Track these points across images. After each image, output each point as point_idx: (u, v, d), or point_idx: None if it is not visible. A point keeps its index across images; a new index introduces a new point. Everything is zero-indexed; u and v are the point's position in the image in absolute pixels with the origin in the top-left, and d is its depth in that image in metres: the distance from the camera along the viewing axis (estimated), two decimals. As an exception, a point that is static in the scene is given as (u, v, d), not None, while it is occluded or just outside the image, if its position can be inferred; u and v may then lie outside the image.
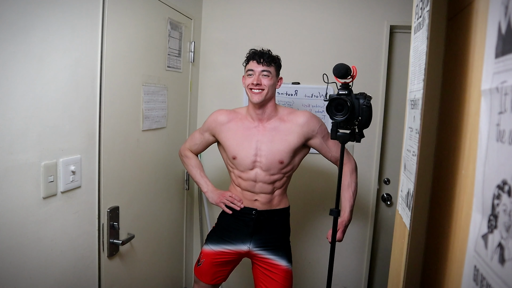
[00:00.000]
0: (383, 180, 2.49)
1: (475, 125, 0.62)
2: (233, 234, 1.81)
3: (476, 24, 0.67)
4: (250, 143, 1.72)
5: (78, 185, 1.37)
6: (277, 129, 1.73)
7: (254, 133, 1.73)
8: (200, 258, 1.86)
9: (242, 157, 1.73)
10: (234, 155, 1.75)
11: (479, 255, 0.52)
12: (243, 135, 1.74)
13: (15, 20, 1.06)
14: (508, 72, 0.46)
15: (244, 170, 1.75)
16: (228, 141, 1.77)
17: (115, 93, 1.56)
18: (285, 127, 1.73)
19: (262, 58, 1.68)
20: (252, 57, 1.71)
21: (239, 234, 1.80)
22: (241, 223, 1.80)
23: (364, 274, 2.45)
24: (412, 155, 0.86)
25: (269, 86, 1.68)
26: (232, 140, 1.76)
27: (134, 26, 1.69)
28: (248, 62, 1.72)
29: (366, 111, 1.45)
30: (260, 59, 1.68)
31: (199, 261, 1.86)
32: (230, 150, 1.76)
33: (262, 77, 1.67)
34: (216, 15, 2.45)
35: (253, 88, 1.67)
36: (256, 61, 1.69)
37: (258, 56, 1.69)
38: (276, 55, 1.74)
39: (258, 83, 1.66)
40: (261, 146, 1.72)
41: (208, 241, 1.88)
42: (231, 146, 1.75)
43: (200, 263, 1.85)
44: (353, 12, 2.29)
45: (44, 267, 1.23)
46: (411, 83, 0.96)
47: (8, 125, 1.07)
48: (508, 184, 0.44)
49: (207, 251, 1.85)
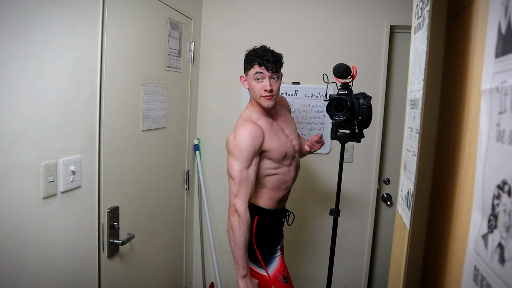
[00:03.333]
0: (383, 180, 2.49)
1: (475, 125, 0.62)
2: (277, 237, 1.80)
3: (476, 24, 0.67)
4: (284, 136, 1.72)
5: (78, 185, 1.37)
6: (284, 114, 1.81)
7: (277, 126, 1.74)
8: (283, 274, 1.71)
9: (289, 150, 1.71)
10: (284, 152, 1.67)
11: (479, 255, 0.52)
12: (275, 132, 1.69)
13: (15, 20, 1.06)
14: (508, 72, 0.46)
15: (291, 164, 1.73)
16: (272, 144, 1.65)
17: (115, 93, 1.56)
18: (284, 111, 1.82)
19: (271, 63, 1.58)
20: (260, 62, 1.58)
21: (279, 235, 1.82)
22: (280, 225, 1.81)
23: (364, 274, 2.45)
24: (412, 155, 0.86)
25: (278, 89, 1.64)
26: (274, 141, 1.66)
27: (134, 26, 1.69)
28: (254, 65, 1.60)
29: (366, 111, 1.45)
30: (268, 64, 1.57)
31: (284, 277, 1.71)
32: (278, 150, 1.66)
33: (272, 82, 1.59)
34: (216, 15, 2.45)
35: (266, 96, 1.60)
36: (265, 67, 1.58)
37: (266, 61, 1.57)
38: (279, 53, 1.65)
39: (271, 89, 1.58)
40: (289, 134, 1.76)
41: (270, 258, 1.73)
42: (278, 147, 1.66)
43: (285, 279, 1.71)
44: (353, 12, 2.29)
45: (44, 267, 1.23)
46: (411, 83, 0.96)
47: (8, 125, 1.07)
48: (508, 184, 0.44)
49: (280, 263, 1.74)
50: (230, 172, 1.58)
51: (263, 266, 1.70)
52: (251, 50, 1.65)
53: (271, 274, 1.69)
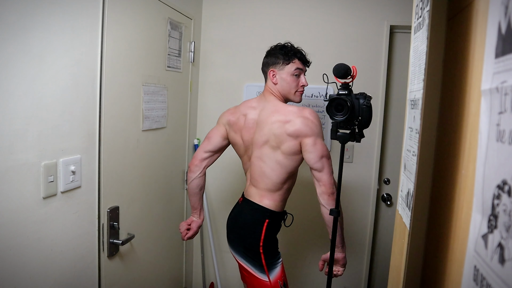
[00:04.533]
0: (383, 180, 2.49)
1: (475, 125, 0.62)
2: (277, 241, 1.76)
3: (476, 24, 0.67)
4: None
5: (78, 185, 1.37)
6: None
7: None
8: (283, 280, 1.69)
9: None
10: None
11: (479, 255, 0.52)
12: None
13: (15, 20, 1.06)
14: (508, 72, 0.46)
15: None
16: None
17: (115, 93, 1.56)
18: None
19: (307, 61, 1.71)
20: (301, 58, 1.68)
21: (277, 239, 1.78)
22: (280, 228, 1.77)
23: (364, 274, 2.45)
24: (412, 155, 0.86)
25: None
26: None
27: (134, 26, 1.69)
28: (294, 60, 1.65)
29: (366, 111, 1.45)
30: (306, 61, 1.70)
31: (284, 284, 1.69)
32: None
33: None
34: (216, 15, 2.45)
35: (301, 91, 1.70)
36: (305, 63, 1.69)
37: (305, 58, 1.70)
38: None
39: (307, 84, 1.70)
40: None
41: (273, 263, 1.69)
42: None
43: (285, 286, 1.70)
44: (353, 12, 2.29)
45: (44, 267, 1.23)
46: (411, 83, 0.96)
47: (8, 125, 1.07)
48: (508, 184, 0.44)
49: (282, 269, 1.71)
50: (325, 152, 1.56)
51: (265, 271, 1.66)
52: (286, 45, 1.69)
53: (272, 280, 1.65)
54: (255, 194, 1.70)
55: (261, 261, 1.65)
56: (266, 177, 1.65)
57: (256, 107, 1.71)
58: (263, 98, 1.72)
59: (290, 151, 1.59)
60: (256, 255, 1.66)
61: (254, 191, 1.70)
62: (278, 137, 1.58)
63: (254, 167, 1.69)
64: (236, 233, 1.73)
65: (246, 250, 1.68)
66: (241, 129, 1.72)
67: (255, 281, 1.67)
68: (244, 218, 1.71)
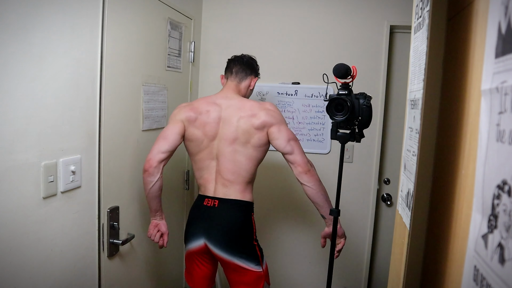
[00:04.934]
0: (383, 180, 2.49)
1: (475, 125, 0.62)
2: None
3: (476, 24, 0.67)
4: None
5: (78, 185, 1.37)
6: None
7: None
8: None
9: None
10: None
11: (479, 255, 0.52)
12: None
13: (15, 20, 1.06)
14: (508, 72, 0.46)
15: None
16: None
17: (115, 93, 1.56)
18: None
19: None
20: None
21: None
22: None
23: (364, 274, 2.45)
24: (412, 155, 0.86)
25: None
26: None
27: (134, 26, 1.69)
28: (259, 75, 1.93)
29: (366, 111, 1.45)
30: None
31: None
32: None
33: None
34: (216, 15, 2.45)
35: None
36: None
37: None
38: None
39: None
40: None
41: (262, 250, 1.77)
42: None
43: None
44: (353, 12, 2.29)
45: (44, 267, 1.23)
46: (411, 83, 0.96)
47: (8, 125, 1.07)
48: (508, 184, 0.44)
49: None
50: (291, 135, 1.67)
51: (260, 261, 1.68)
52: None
53: (264, 267, 1.70)
54: (233, 192, 1.68)
55: (256, 253, 1.69)
56: (243, 171, 1.68)
57: (219, 104, 1.71)
58: (227, 96, 1.75)
59: (259, 143, 1.67)
60: (252, 250, 1.68)
61: (231, 189, 1.68)
62: (247, 132, 1.65)
63: (225, 165, 1.67)
64: (225, 236, 1.66)
65: (243, 248, 1.67)
66: (204, 124, 1.68)
67: (248, 274, 1.66)
68: (233, 220, 1.67)
